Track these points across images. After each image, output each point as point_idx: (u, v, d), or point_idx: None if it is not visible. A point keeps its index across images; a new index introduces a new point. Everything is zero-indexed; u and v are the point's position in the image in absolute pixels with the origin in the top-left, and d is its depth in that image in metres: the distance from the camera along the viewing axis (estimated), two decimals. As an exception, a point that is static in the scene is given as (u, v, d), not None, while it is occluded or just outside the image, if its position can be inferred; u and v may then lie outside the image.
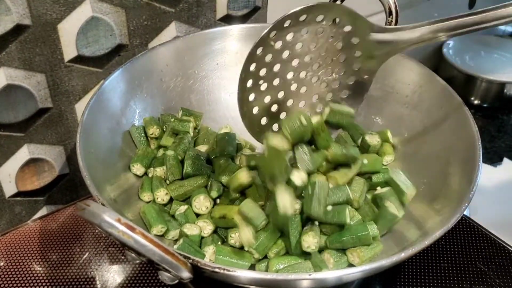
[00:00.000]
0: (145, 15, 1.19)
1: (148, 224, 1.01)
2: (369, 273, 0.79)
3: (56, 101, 1.15)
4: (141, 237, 0.67)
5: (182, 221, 1.04)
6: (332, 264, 0.96)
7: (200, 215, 1.06)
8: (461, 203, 0.89)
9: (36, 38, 1.06)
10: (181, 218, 1.04)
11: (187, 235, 0.99)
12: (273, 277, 0.75)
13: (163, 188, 1.08)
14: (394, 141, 1.21)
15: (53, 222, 1.24)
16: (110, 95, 1.10)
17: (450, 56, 2.11)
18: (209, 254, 0.99)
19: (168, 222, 1.03)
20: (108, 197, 0.95)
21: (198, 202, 1.05)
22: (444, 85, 1.13)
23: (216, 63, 1.29)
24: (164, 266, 0.71)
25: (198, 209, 1.06)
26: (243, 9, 1.37)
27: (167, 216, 1.05)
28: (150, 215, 1.02)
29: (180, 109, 1.25)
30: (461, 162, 1.02)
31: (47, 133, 1.18)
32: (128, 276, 1.13)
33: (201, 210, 1.06)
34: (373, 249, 0.97)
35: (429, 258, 1.18)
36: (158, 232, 1.01)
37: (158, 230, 1.01)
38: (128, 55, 1.21)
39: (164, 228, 1.01)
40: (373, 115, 1.26)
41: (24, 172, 1.19)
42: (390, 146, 1.20)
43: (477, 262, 1.19)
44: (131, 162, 1.11)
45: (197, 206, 1.05)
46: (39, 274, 1.13)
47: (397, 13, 1.19)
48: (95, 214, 0.66)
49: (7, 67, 1.05)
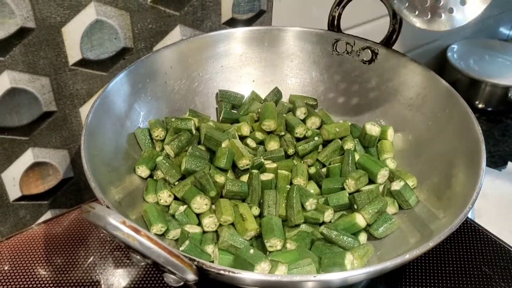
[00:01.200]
0: (150, 19, 1.19)
1: (149, 222, 1.01)
2: (373, 274, 0.79)
3: (60, 104, 1.15)
4: (146, 239, 0.67)
5: (183, 221, 1.04)
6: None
7: (201, 213, 1.06)
8: (465, 205, 0.89)
9: (40, 41, 1.06)
10: (182, 218, 1.04)
11: (189, 232, 1.00)
12: (278, 278, 0.75)
13: (166, 189, 1.08)
14: (396, 141, 1.21)
15: (57, 226, 1.24)
16: (115, 97, 1.10)
17: (454, 60, 2.11)
18: (210, 252, 0.99)
19: (169, 222, 1.03)
20: (113, 199, 0.95)
21: (196, 203, 1.05)
22: (448, 87, 1.13)
23: (220, 65, 1.29)
24: (169, 268, 0.71)
25: (198, 209, 1.05)
26: (248, 13, 1.37)
27: (168, 216, 1.06)
28: (151, 214, 1.02)
29: (187, 110, 1.25)
30: (466, 164, 1.01)
31: (52, 136, 1.18)
32: (133, 280, 1.13)
33: (201, 209, 1.06)
34: None
35: (434, 261, 1.18)
36: (157, 231, 1.01)
37: (158, 229, 1.01)
38: (133, 58, 1.21)
39: (164, 228, 1.02)
40: (377, 117, 1.26)
41: (29, 176, 1.19)
42: (390, 144, 1.20)
43: (482, 265, 1.18)
44: (136, 164, 1.11)
45: (196, 207, 1.05)
46: (43, 278, 1.13)
47: (401, 17, 1.19)
48: (100, 216, 0.66)
49: (11, 71, 1.05)
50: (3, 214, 1.20)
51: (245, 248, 0.94)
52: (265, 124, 1.21)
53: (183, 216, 1.04)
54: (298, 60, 1.33)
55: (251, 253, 0.92)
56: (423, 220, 1.03)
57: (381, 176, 1.13)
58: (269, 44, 1.31)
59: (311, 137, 1.21)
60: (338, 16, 1.28)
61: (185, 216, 1.04)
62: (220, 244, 0.97)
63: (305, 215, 1.05)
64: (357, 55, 1.28)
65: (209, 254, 0.98)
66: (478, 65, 2.10)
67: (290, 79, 1.35)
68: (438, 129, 1.14)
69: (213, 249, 0.99)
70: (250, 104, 1.30)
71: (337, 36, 1.29)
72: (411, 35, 1.94)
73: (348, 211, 1.09)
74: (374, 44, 1.25)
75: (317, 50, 1.31)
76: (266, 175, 1.11)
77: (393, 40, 1.23)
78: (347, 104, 1.31)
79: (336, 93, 1.32)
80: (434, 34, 2.13)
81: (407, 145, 1.20)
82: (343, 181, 1.12)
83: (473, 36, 2.34)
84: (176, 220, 1.04)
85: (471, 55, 2.16)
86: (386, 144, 1.20)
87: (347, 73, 1.31)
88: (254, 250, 0.93)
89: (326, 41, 1.30)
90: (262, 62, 1.33)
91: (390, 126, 1.22)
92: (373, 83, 1.27)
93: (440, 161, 1.09)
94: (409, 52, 1.98)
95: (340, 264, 0.93)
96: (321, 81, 1.33)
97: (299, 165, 1.15)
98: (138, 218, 1.02)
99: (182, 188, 1.08)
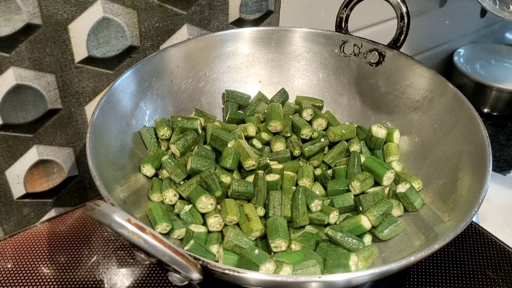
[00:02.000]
0: (157, 17, 1.19)
1: (153, 221, 1.01)
2: (378, 276, 0.79)
3: (66, 102, 1.15)
4: (151, 237, 0.67)
5: (188, 220, 1.04)
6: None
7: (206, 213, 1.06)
8: (470, 209, 0.89)
9: (46, 38, 1.05)
10: (187, 217, 1.04)
11: (194, 232, 0.99)
12: (283, 279, 0.75)
13: (171, 189, 1.08)
14: (402, 143, 1.21)
15: (61, 224, 1.24)
16: (121, 95, 1.09)
17: (460, 64, 2.11)
18: (215, 252, 0.99)
19: (173, 221, 1.03)
20: (117, 198, 0.95)
21: (201, 203, 1.04)
22: (455, 91, 1.13)
23: (227, 65, 1.29)
24: (174, 267, 0.71)
25: (203, 209, 1.05)
26: (256, 13, 1.37)
27: (173, 215, 1.05)
28: (156, 212, 1.02)
29: (194, 110, 1.25)
30: (471, 168, 1.01)
31: (57, 134, 1.17)
32: (136, 279, 1.13)
33: (206, 209, 1.05)
34: None
35: (438, 264, 1.18)
36: (162, 230, 1.01)
37: (163, 228, 1.01)
38: (139, 57, 1.21)
39: (169, 227, 1.01)
40: (384, 119, 1.26)
41: (33, 174, 1.19)
42: (396, 146, 1.20)
43: (486, 269, 1.18)
44: (142, 163, 1.11)
45: (202, 207, 1.05)
46: (47, 276, 1.12)
47: (408, 19, 1.19)
48: (105, 214, 0.65)
49: (17, 67, 1.04)
50: (7, 212, 1.19)
51: (250, 248, 0.94)
52: (271, 125, 1.21)
53: (188, 216, 1.04)
54: (305, 61, 1.33)
55: (256, 253, 0.92)
56: (428, 223, 1.02)
57: (387, 178, 1.12)
58: (276, 44, 1.31)
59: (317, 138, 1.21)
60: (346, 17, 1.28)
61: (190, 216, 1.04)
62: (225, 244, 0.96)
63: (310, 217, 1.05)
64: (364, 57, 1.27)
65: (213, 253, 0.98)
66: (484, 69, 2.10)
67: (297, 80, 1.34)
68: (444, 132, 1.13)
69: (218, 249, 0.99)
70: (256, 105, 1.30)
71: (344, 37, 1.28)
72: (417, 38, 1.94)
73: (353, 213, 1.09)
74: (381, 47, 1.25)
75: (324, 51, 1.31)
76: (272, 176, 1.11)
77: (400, 42, 1.23)
78: (353, 106, 1.31)
79: (343, 95, 1.32)
80: (441, 38, 2.13)
81: (413, 147, 1.20)
82: (348, 183, 1.12)
83: (480, 40, 2.34)
84: (181, 220, 1.04)
85: (478, 59, 2.16)
86: (392, 147, 1.20)
87: (354, 75, 1.30)
88: (259, 250, 0.93)
89: (333, 43, 1.30)
90: (269, 62, 1.33)
91: (396, 128, 1.22)
92: (380, 85, 1.27)
93: (446, 164, 1.09)
94: (416, 55, 1.98)
95: (345, 265, 0.93)
96: (328, 82, 1.33)
97: (305, 167, 1.15)
98: (143, 216, 1.02)
99: (188, 188, 1.07)
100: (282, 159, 1.18)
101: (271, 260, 0.90)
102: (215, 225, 1.03)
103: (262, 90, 1.33)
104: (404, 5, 1.19)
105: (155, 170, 1.12)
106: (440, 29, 2.09)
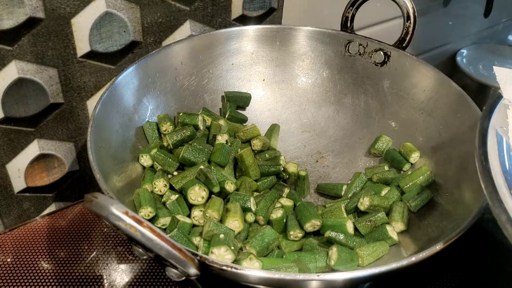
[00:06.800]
0: (160, 13, 1.18)
1: (138, 205, 1.00)
2: (378, 276, 0.78)
3: (68, 96, 1.14)
4: (148, 230, 0.66)
5: (173, 210, 1.03)
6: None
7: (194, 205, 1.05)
8: (474, 210, 0.88)
9: (49, 32, 1.05)
10: (172, 207, 1.03)
11: (179, 221, 0.98)
12: (281, 276, 0.74)
13: (163, 178, 1.08)
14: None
15: (61, 219, 1.24)
16: (123, 90, 1.09)
17: (463, 65, 2.10)
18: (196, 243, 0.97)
19: (159, 209, 1.02)
20: (113, 187, 0.95)
21: (193, 193, 1.04)
22: (460, 91, 1.12)
23: (231, 63, 1.29)
24: (171, 261, 0.70)
25: (193, 200, 1.04)
26: (259, 10, 1.37)
27: (159, 204, 1.05)
28: (143, 197, 1.01)
29: (201, 108, 1.26)
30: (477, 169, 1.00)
31: (58, 129, 1.17)
32: (135, 275, 1.12)
33: (196, 201, 1.04)
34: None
35: (441, 265, 1.17)
36: (145, 215, 1.00)
37: (147, 212, 1.00)
38: (142, 52, 1.20)
39: (152, 213, 1.01)
40: (388, 119, 1.25)
41: (34, 168, 1.19)
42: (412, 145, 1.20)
43: (490, 270, 1.17)
44: (141, 153, 1.11)
45: (193, 197, 1.04)
46: (46, 271, 1.12)
47: (415, 19, 1.19)
48: (102, 206, 0.65)
49: (19, 60, 1.04)
50: (7, 206, 1.19)
51: (221, 233, 0.92)
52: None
53: (174, 206, 1.03)
54: (309, 60, 1.32)
55: (219, 238, 0.90)
56: (431, 224, 1.02)
57: (412, 159, 1.18)
58: (280, 43, 1.30)
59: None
60: (351, 16, 1.28)
61: (177, 206, 1.04)
62: (205, 234, 0.95)
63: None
64: (369, 57, 1.27)
65: (195, 245, 0.97)
66: (487, 70, 2.09)
67: (301, 79, 1.34)
68: (449, 134, 1.13)
69: (200, 240, 0.97)
70: None
71: (350, 37, 1.28)
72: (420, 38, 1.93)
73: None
74: (387, 46, 1.24)
75: (329, 50, 1.30)
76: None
77: (406, 42, 1.22)
78: (357, 105, 1.30)
79: (347, 95, 1.31)
80: (444, 38, 2.12)
81: (418, 149, 1.19)
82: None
83: (483, 41, 2.34)
84: (166, 209, 1.03)
85: (481, 60, 2.16)
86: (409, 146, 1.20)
87: (358, 75, 1.29)
88: (226, 236, 0.91)
89: (338, 42, 1.29)
90: (273, 61, 1.32)
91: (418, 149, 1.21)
92: (385, 85, 1.26)
93: (450, 165, 1.08)
94: (418, 56, 1.95)
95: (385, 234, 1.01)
96: (332, 81, 1.32)
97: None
98: (129, 202, 1.02)
99: (181, 180, 1.07)
100: None
101: (227, 247, 0.88)
102: (199, 219, 1.02)
103: (266, 89, 1.33)
104: (411, 5, 1.18)
105: (152, 161, 1.11)
106: (443, 30, 2.08)
